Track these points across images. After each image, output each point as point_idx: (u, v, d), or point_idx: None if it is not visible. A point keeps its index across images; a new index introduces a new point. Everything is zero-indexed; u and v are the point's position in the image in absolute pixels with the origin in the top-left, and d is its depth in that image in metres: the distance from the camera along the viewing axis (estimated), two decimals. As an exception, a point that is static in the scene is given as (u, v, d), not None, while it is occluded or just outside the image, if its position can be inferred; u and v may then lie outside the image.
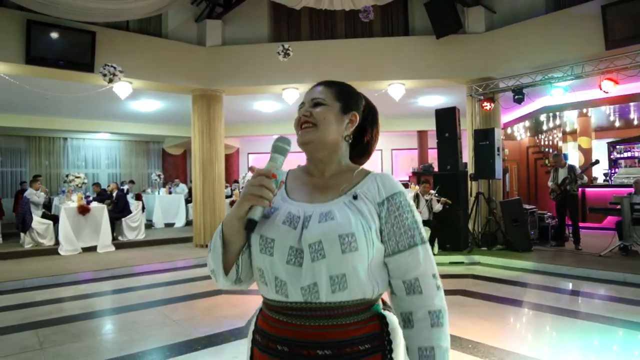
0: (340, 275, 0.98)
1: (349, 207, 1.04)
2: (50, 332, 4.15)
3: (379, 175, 1.11)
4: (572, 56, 7.33)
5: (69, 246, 8.15)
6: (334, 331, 1.00)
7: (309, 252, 0.99)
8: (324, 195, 1.09)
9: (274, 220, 1.04)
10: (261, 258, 1.03)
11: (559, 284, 5.81)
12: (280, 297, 1.02)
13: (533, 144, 14.41)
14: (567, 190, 7.68)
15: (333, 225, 1.00)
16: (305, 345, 1.00)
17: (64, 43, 7.17)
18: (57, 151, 14.24)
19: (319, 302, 0.99)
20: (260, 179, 0.99)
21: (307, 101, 1.15)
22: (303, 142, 1.11)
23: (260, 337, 1.07)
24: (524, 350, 3.48)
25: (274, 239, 1.02)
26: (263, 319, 1.09)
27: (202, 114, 8.85)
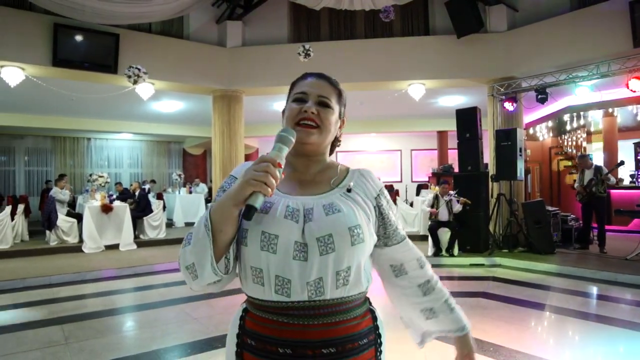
0: (346, 268, 0.99)
1: (345, 199, 1.05)
2: (75, 327, 4.24)
3: (361, 170, 1.15)
4: (597, 54, 7.16)
5: (93, 244, 8.33)
6: (337, 328, 0.99)
7: (317, 246, 0.96)
8: (316, 189, 1.08)
9: (274, 215, 0.99)
10: (262, 256, 0.97)
11: (583, 287, 5.67)
12: (281, 297, 0.97)
13: (556, 145, 14.13)
14: (592, 192, 7.48)
15: (341, 217, 1.00)
16: (310, 345, 0.97)
17: (89, 45, 7.34)
18: (81, 151, 14.58)
19: (323, 299, 0.98)
20: (265, 165, 0.90)
21: (311, 95, 1.09)
22: (305, 142, 1.06)
23: (254, 340, 1.01)
24: (546, 354, 3.41)
25: (277, 235, 0.97)
26: (254, 321, 1.03)
27: (222, 115, 8.94)
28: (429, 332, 1.22)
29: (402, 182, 16.05)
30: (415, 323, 1.21)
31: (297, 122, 1.07)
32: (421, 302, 1.16)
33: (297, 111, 1.07)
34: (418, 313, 1.18)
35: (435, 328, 1.19)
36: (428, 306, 1.16)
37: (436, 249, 7.45)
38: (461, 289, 5.81)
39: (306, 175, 1.11)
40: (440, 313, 1.16)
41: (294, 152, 1.06)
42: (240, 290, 3.79)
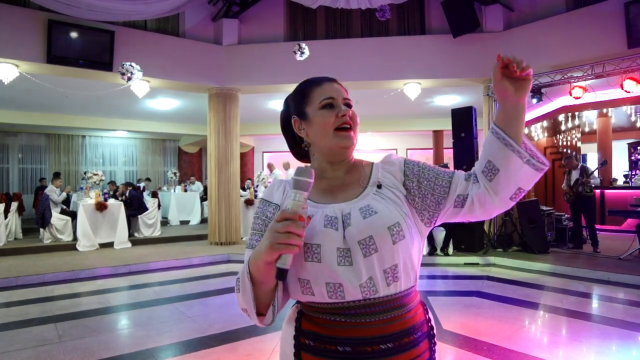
0: (393, 266, 1.00)
1: (380, 197, 1.06)
2: (69, 326, 4.23)
3: (382, 161, 1.16)
4: (592, 55, 7.19)
5: (87, 242, 8.30)
6: (393, 323, 1.01)
7: (360, 249, 0.98)
8: (348, 192, 1.09)
9: (314, 226, 1.00)
10: (307, 267, 0.99)
11: (577, 286, 5.71)
12: (336, 299, 0.99)
13: (551, 145, 14.18)
14: (579, 192, 7.56)
15: (379, 218, 1.01)
16: (369, 342, 0.99)
17: (84, 42, 7.29)
18: (76, 149, 14.50)
19: (377, 297, 1.00)
20: (286, 224, 0.88)
21: (339, 98, 1.10)
22: (348, 146, 1.09)
23: (312, 341, 1.03)
24: (540, 353, 3.43)
25: (319, 244, 0.98)
26: (311, 322, 1.04)
27: (218, 113, 8.92)
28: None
29: (397, 181, 16.05)
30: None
31: (336, 128, 1.08)
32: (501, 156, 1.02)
33: (333, 117, 1.08)
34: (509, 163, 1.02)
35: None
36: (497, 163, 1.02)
37: (431, 248, 7.47)
38: (455, 288, 5.83)
39: (336, 180, 1.12)
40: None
41: (330, 158, 1.11)
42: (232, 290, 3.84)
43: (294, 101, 1.16)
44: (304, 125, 1.13)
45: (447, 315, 4.40)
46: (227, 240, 8.91)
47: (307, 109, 1.12)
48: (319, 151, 1.13)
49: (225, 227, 8.95)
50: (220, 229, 8.94)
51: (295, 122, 1.14)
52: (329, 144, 1.09)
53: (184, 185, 13.51)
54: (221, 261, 7.72)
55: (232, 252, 8.03)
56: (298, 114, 1.14)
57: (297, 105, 1.14)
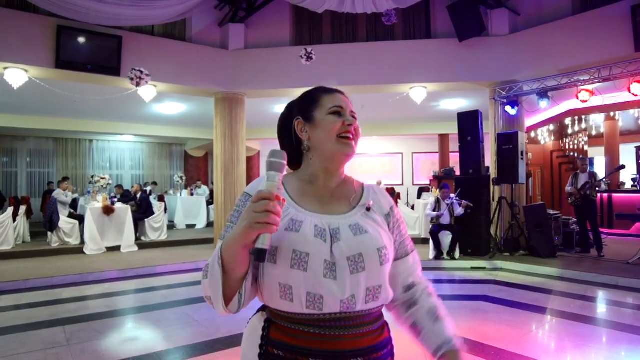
0: (377, 286, 1.03)
1: (367, 219, 1.09)
2: (77, 329, 4.25)
3: (374, 187, 1.20)
4: (599, 58, 7.16)
5: (94, 245, 8.35)
6: (365, 338, 1.03)
7: (348, 265, 0.99)
8: (336, 206, 1.10)
9: (304, 234, 1.00)
10: (292, 274, 0.97)
11: (585, 291, 5.67)
12: (313, 310, 0.98)
13: (558, 148, 14.13)
14: (587, 196, 7.54)
15: (369, 238, 1.04)
16: (341, 355, 0.99)
17: (92, 47, 7.37)
18: (83, 153, 14.60)
19: (355, 311, 1.01)
20: (264, 203, 0.88)
21: (347, 110, 1.13)
22: (349, 154, 1.10)
23: (281, 351, 1.00)
24: (547, 358, 3.41)
25: (308, 253, 0.98)
26: (281, 332, 1.02)
27: (224, 117, 8.96)
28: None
29: (403, 185, 16.04)
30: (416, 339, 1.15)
31: (338, 135, 1.10)
32: (407, 317, 1.14)
33: (340, 124, 1.10)
34: (410, 330, 1.15)
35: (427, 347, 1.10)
36: (412, 320, 1.13)
37: (437, 252, 7.45)
38: (462, 292, 5.81)
39: (325, 191, 1.12)
40: (424, 324, 1.11)
41: (328, 164, 1.11)
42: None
43: (300, 104, 1.16)
44: (308, 127, 1.12)
45: (454, 319, 4.36)
46: (233, 244, 8.92)
47: (315, 112, 1.12)
48: (318, 155, 1.11)
49: (231, 230, 8.95)
50: (227, 233, 8.94)
51: (299, 123, 1.13)
52: (331, 149, 1.09)
53: (190, 189, 13.56)
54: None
55: (238, 256, 8.02)
56: (304, 116, 1.13)
57: (304, 108, 1.14)
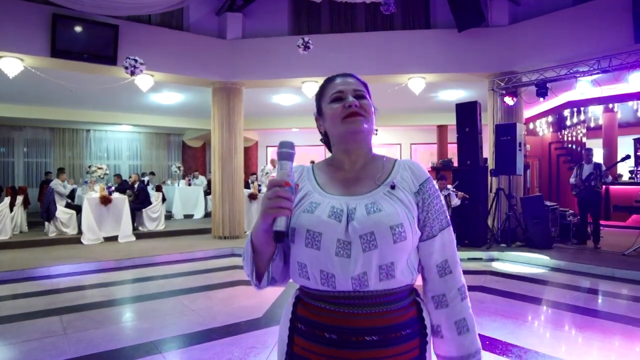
0: (389, 264, 1.03)
1: (389, 197, 1.08)
2: (74, 318, 4.26)
3: (406, 163, 1.16)
4: (599, 49, 7.13)
5: (92, 235, 8.34)
6: (381, 318, 1.03)
7: (360, 243, 1.01)
8: (360, 187, 1.11)
9: (319, 215, 1.05)
10: (306, 252, 1.05)
11: (580, 282, 5.70)
12: (327, 287, 1.04)
13: (556, 140, 14.12)
14: (592, 187, 7.52)
15: (383, 216, 1.03)
16: (354, 332, 1.02)
17: (88, 37, 7.30)
18: (80, 143, 14.55)
19: (368, 290, 1.02)
20: (274, 190, 0.98)
21: (348, 91, 1.13)
22: (356, 130, 1.10)
23: (303, 325, 1.08)
24: (542, 348, 3.43)
25: (321, 233, 1.03)
26: (305, 307, 1.10)
27: (221, 107, 8.92)
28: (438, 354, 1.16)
29: (401, 176, 16.03)
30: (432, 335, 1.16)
31: (343, 118, 1.11)
32: (433, 314, 1.13)
33: (340, 109, 1.11)
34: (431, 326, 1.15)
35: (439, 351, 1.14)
36: (437, 321, 1.12)
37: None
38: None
39: (351, 173, 1.15)
40: (447, 333, 1.11)
41: (345, 147, 1.14)
42: (235, 283, 3.88)
43: (315, 100, 1.22)
44: (321, 120, 1.19)
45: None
46: (230, 234, 8.95)
47: (322, 104, 1.18)
48: (334, 142, 1.17)
49: (229, 221, 8.98)
50: (224, 223, 8.96)
51: (317, 119, 1.21)
52: (339, 132, 1.12)
53: (187, 180, 13.54)
54: (225, 255, 7.75)
55: (236, 246, 8.06)
56: (317, 111, 1.21)
57: (316, 103, 1.21)
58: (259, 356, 3.32)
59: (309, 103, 11.15)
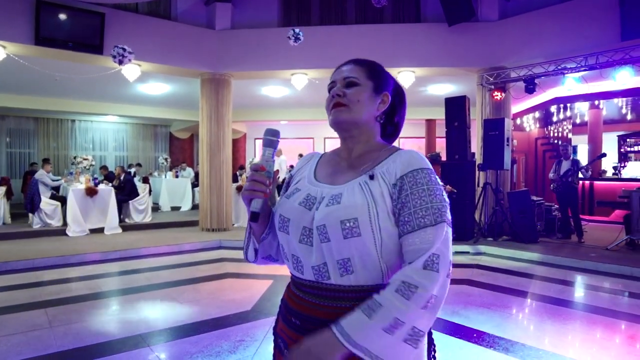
0: (345, 259, 0.98)
1: (362, 188, 1.00)
2: (59, 311, 4.21)
3: (403, 153, 1.05)
4: (586, 46, 7.20)
5: (77, 227, 8.23)
6: (341, 312, 0.96)
7: (317, 234, 1.01)
8: (345, 176, 1.08)
9: (293, 201, 1.09)
10: (280, 235, 1.10)
11: (565, 276, 5.79)
12: (297, 273, 1.08)
13: (542, 135, 14.28)
14: (569, 182, 7.66)
15: (336, 209, 0.99)
16: (314, 322, 1.02)
17: (73, 24, 7.14)
18: (65, 133, 14.29)
19: (329, 283, 1.01)
20: (251, 174, 1.06)
21: (338, 80, 1.13)
22: (334, 122, 1.11)
23: (283, 307, 1.15)
24: (527, 340, 3.49)
25: (289, 219, 1.07)
26: (287, 290, 1.16)
27: (210, 98, 8.83)
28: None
29: (389, 169, 16.08)
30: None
31: (330, 109, 1.12)
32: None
33: (328, 100, 1.13)
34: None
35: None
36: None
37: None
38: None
39: (346, 162, 1.13)
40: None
41: (340, 136, 1.15)
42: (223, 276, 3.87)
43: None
44: None
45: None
46: (218, 227, 8.90)
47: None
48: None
49: (217, 213, 8.93)
50: (212, 215, 8.91)
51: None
52: (329, 122, 1.14)
53: (175, 171, 13.42)
54: (212, 247, 7.71)
55: (224, 239, 8.02)
56: None
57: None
58: (248, 349, 3.31)
59: (298, 95, 11.11)
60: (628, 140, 13.38)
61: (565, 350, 3.38)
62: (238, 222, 9.71)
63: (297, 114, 14.26)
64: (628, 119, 13.24)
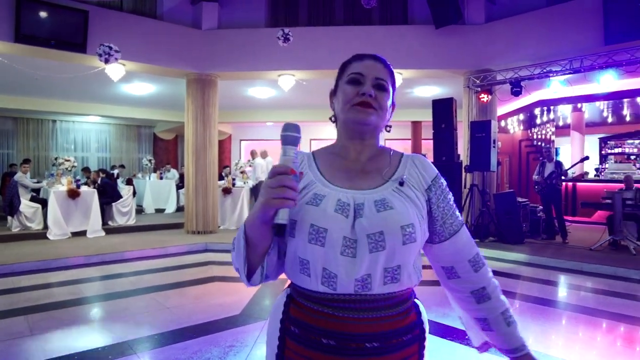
0: (395, 267, 0.96)
1: (398, 194, 1.01)
2: (40, 318, 4.07)
3: (414, 158, 1.10)
4: (571, 50, 7.31)
5: (58, 230, 8.02)
6: (383, 323, 0.97)
7: (367, 243, 0.94)
8: (366, 181, 1.04)
9: (324, 209, 0.96)
10: (309, 249, 0.96)
11: (551, 276, 5.86)
12: (326, 289, 0.95)
13: (526, 137, 14.47)
14: (553, 184, 7.78)
15: (393, 214, 0.96)
16: (354, 339, 0.95)
17: (56, 22, 6.96)
18: (46, 133, 13.98)
19: (370, 294, 0.95)
20: (279, 178, 0.88)
21: (369, 77, 1.05)
22: (361, 122, 1.03)
23: (297, 328, 1.00)
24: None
25: (326, 229, 0.95)
26: (299, 309, 1.01)
27: (196, 99, 8.71)
28: (489, 342, 1.14)
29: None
30: (473, 328, 1.16)
31: (353, 105, 1.03)
32: (475, 309, 1.09)
33: (354, 94, 1.04)
34: (473, 321, 1.13)
35: (492, 341, 1.12)
36: (482, 316, 1.09)
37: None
38: (432, 277, 5.86)
39: (356, 164, 1.07)
40: (495, 326, 1.08)
41: (349, 135, 1.07)
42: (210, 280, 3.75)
43: (337, 76, 1.13)
44: (334, 98, 1.12)
45: (426, 304, 4.42)
46: (204, 229, 8.78)
47: (340, 81, 1.10)
48: (340, 127, 1.10)
49: (203, 215, 8.80)
50: (198, 218, 8.78)
51: (331, 95, 1.14)
52: (346, 118, 1.06)
53: (159, 173, 13.21)
54: (198, 250, 7.60)
55: (210, 241, 7.91)
56: (334, 87, 1.13)
57: (336, 78, 1.13)
58: (238, 355, 3.24)
59: (285, 97, 11.05)
60: (609, 142, 13.64)
61: (549, 349, 3.40)
62: (224, 224, 9.59)
63: (284, 115, 14.18)
64: (609, 122, 13.52)
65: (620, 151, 13.42)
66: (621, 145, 13.37)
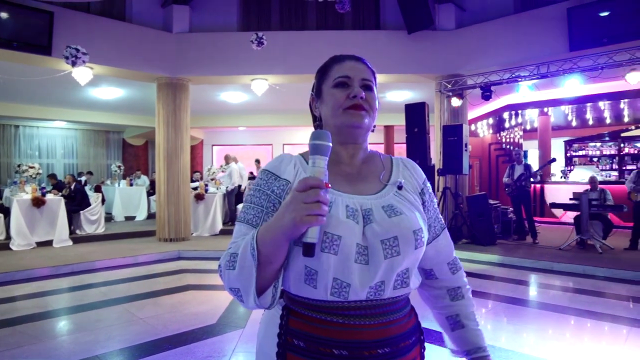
0: (405, 270, 0.97)
1: (399, 198, 1.02)
2: (4, 333, 3.87)
3: (404, 161, 1.13)
4: (538, 56, 7.53)
5: (22, 240, 7.68)
6: (392, 327, 0.97)
7: (382, 249, 0.92)
8: (366, 185, 1.03)
9: (337, 215, 0.91)
10: (323, 257, 0.89)
11: (523, 276, 5.99)
12: (336, 297, 0.91)
13: (495, 141, 14.83)
14: (523, 186, 8.01)
15: (405, 220, 0.96)
16: (366, 346, 0.93)
17: (18, 23, 6.69)
18: (8, 139, 13.44)
19: (383, 298, 0.95)
20: (314, 192, 0.79)
21: (356, 79, 1.02)
22: (354, 125, 1.02)
23: (302, 341, 0.93)
24: (487, 340, 3.54)
25: (340, 236, 0.90)
26: (302, 320, 0.95)
27: (167, 104, 8.53)
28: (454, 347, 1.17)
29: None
30: (445, 331, 1.18)
31: (345, 109, 1.02)
32: (448, 305, 1.14)
33: (344, 98, 1.01)
34: (444, 320, 1.15)
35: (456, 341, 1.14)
36: (454, 312, 1.13)
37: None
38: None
39: (352, 168, 1.06)
40: (467, 321, 1.12)
41: (342, 140, 1.04)
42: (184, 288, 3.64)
43: (315, 78, 1.11)
44: (318, 103, 1.09)
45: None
46: (176, 237, 8.59)
47: (323, 86, 1.07)
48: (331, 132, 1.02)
49: (175, 222, 8.61)
50: (170, 225, 8.59)
51: (312, 100, 1.12)
52: (337, 122, 1.03)
53: (129, 179, 12.87)
54: (171, 258, 7.42)
55: (183, 249, 7.74)
56: (315, 91, 1.10)
57: (316, 82, 1.10)
58: (215, 366, 3.16)
59: (257, 101, 10.98)
60: (574, 145, 14.13)
61: (523, 347, 3.46)
62: (197, 231, 9.42)
63: (256, 120, 14.09)
64: (573, 125, 14.00)
65: (584, 154, 13.90)
66: (585, 147, 13.87)
